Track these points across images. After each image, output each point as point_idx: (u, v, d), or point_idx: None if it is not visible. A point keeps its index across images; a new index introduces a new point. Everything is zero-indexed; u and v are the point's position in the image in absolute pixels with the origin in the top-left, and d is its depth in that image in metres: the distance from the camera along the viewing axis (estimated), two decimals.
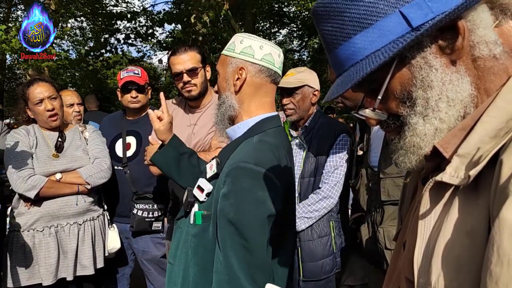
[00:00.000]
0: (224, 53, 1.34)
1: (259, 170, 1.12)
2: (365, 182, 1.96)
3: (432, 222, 0.65)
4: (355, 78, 0.66)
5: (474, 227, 0.58)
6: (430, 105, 0.66)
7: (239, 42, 1.30)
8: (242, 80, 1.27)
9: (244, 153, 1.19)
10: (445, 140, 0.67)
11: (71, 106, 3.35)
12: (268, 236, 1.12)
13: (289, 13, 16.28)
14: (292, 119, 2.29)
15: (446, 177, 0.63)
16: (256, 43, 1.28)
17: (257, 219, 1.10)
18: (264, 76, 1.29)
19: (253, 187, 1.11)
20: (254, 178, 1.12)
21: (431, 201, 0.66)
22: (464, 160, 0.62)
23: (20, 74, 15.84)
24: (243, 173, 1.12)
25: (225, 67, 1.32)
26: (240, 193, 1.11)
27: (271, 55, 1.29)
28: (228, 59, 1.31)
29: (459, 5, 0.61)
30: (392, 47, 0.63)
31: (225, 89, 1.32)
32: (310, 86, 2.26)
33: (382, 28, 0.64)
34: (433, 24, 0.62)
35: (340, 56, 0.69)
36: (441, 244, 0.61)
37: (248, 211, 1.10)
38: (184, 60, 2.19)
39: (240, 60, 1.28)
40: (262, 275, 1.10)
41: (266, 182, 1.12)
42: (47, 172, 2.27)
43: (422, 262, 0.64)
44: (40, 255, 2.23)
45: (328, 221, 2.19)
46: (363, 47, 0.66)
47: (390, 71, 0.67)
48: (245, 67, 1.27)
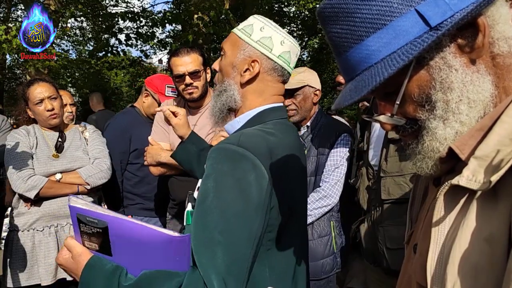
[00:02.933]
0: (238, 34, 1.15)
1: (243, 152, 0.96)
2: (365, 181, 1.95)
3: (447, 227, 0.62)
4: (372, 83, 0.61)
5: (493, 234, 0.55)
6: (450, 107, 0.62)
7: (258, 28, 1.12)
8: (253, 74, 1.12)
9: (230, 137, 1.05)
10: (462, 141, 0.63)
11: (64, 106, 3.38)
12: (252, 228, 0.94)
13: (289, 13, 16.27)
14: (294, 119, 2.29)
15: (463, 180, 0.59)
16: (278, 36, 1.12)
17: (239, 207, 0.93)
18: (276, 75, 1.14)
19: (234, 171, 0.95)
20: (235, 161, 0.95)
21: (446, 205, 0.62)
22: (483, 163, 0.58)
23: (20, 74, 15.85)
24: (224, 154, 0.97)
25: (235, 51, 1.14)
26: (219, 176, 0.95)
27: (290, 54, 1.14)
28: (240, 43, 1.14)
29: (481, 1, 0.57)
30: (410, 48, 0.59)
31: (229, 76, 1.16)
32: (311, 86, 2.27)
33: (397, 29, 0.60)
34: (454, 23, 0.58)
35: (352, 59, 0.65)
36: (457, 251, 0.57)
37: (228, 198, 0.93)
38: (186, 62, 2.19)
39: (255, 50, 1.12)
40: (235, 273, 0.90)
41: (251, 167, 0.95)
42: (47, 172, 2.27)
43: (436, 269, 0.61)
44: (39, 255, 2.23)
45: (329, 220, 2.19)
46: (377, 50, 0.62)
47: (408, 74, 0.62)
48: (259, 60, 1.11)
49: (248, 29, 1.14)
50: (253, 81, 1.14)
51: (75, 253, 0.98)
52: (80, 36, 16.22)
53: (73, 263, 0.99)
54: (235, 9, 12.06)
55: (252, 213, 0.94)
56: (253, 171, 0.95)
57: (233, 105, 1.16)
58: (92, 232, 0.94)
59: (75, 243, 1.00)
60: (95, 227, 0.92)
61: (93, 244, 0.97)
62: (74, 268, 0.98)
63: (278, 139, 1.08)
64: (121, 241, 0.92)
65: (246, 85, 1.14)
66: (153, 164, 2.21)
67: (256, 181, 0.95)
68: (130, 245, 0.91)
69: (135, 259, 0.93)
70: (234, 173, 0.95)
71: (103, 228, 0.91)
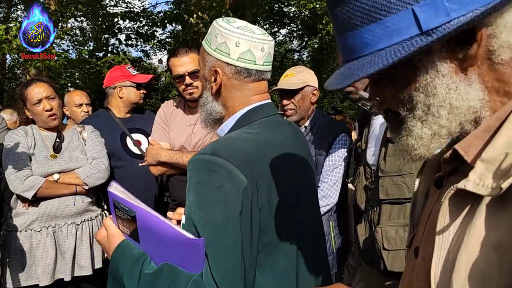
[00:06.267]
0: (203, 46, 1.16)
1: (215, 160, 0.95)
2: (362, 181, 1.95)
3: (452, 232, 0.59)
4: (355, 76, 0.61)
5: (502, 241, 0.52)
6: (431, 111, 0.61)
7: (214, 35, 1.11)
8: (218, 83, 1.11)
9: (206, 146, 1.03)
10: (467, 142, 0.61)
11: (80, 106, 3.39)
12: (236, 237, 0.93)
13: (289, 13, 16.26)
14: (293, 119, 2.29)
15: (470, 185, 0.56)
16: (231, 38, 1.08)
17: (218, 219, 0.93)
18: (242, 77, 1.11)
19: (209, 181, 0.95)
20: (209, 171, 0.95)
21: (451, 210, 0.60)
22: (490, 166, 0.55)
23: (20, 74, 15.84)
24: (198, 165, 0.97)
25: (203, 63, 1.16)
26: (196, 189, 0.96)
27: (251, 52, 1.09)
28: (205, 55, 1.14)
29: (483, 11, 0.54)
30: (398, 50, 0.57)
31: (205, 88, 1.18)
32: (310, 85, 2.27)
33: (389, 26, 0.58)
34: (448, 31, 0.55)
35: (347, 43, 0.64)
36: (463, 258, 0.55)
37: (207, 210, 0.94)
38: (185, 62, 2.19)
39: (215, 60, 1.11)
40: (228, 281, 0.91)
41: (226, 175, 0.94)
42: (45, 172, 2.27)
43: (441, 276, 0.58)
44: (37, 255, 2.22)
45: (328, 221, 2.19)
46: (368, 43, 0.60)
47: (392, 73, 0.62)
48: (220, 68, 1.10)
49: (209, 38, 1.14)
50: (223, 89, 1.13)
51: (110, 233, 1.08)
52: (80, 36, 16.22)
53: (107, 242, 1.08)
54: (235, 9, 12.05)
55: (235, 219, 0.94)
56: (229, 178, 0.95)
57: (216, 115, 1.17)
58: (124, 217, 1.02)
59: (112, 224, 1.09)
60: (126, 214, 1.00)
61: (125, 229, 1.05)
62: (107, 247, 1.08)
63: (263, 139, 1.07)
64: (146, 232, 0.99)
65: (219, 95, 1.15)
66: (153, 163, 2.21)
67: (232, 187, 0.95)
68: (153, 237, 0.98)
69: (158, 250, 0.99)
70: (210, 182, 0.95)
71: (133, 216, 0.99)
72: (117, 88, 2.70)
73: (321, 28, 12.82)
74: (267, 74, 1.16)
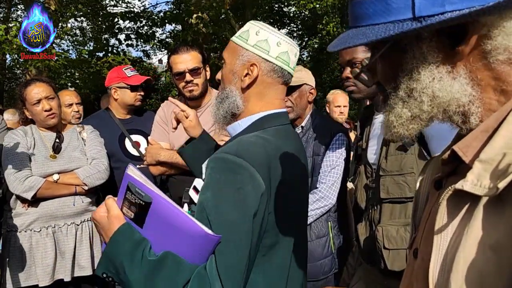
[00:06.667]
0: (235, 41, 1.18)
1: (240, 162, 0.98)
2: (363, 179, 1.95)
3: (450, 233, 0.59)
4: (346, 44, 0.63)
5: (499, 241, 0.52)
6: (413, 95, 0.63)
7: (254, 32, 1.14)
8: (253, 77, 1.14)
9: (229, 145, 1.07)
10: (465, 142, 0.61)
11: (70, 106, 3.36)
12: (247, 238, 0.97)
13: (289, 13, 16.27)
14: (289, 117, 2.29)
15: (468, 185, 0.56)
16: (273, 37, 1.13)
17: (236, 219, 0.96)
18: (276, 76, 1.15)
19: (232, 182, 0.98)
20: (233, 172, 0.99)
21: (449, 210, 0.60)
22: (488, 166, 0.55)
23: (20, 74, 15.85)
24: (222, 164, 1.00)
25: (234, 58, 1.17)
26: (217, 186, 0.98)
27: (288, 54, 1.15)
28: (238, 49, 1.16)
29: (478, 10, 0.54)
30: (389, 29, 0.59)
31: (231, 82, 1.19)
32: (308, 84, 2.27)
33: (389, 4, 0.59)
34: (439, 22, 0.56)
35: (354, 10, 0.66)
36: (461, 258, 0.55)
37: (225, 209, 0.97)
38: (186, 59, 2.20)
39: (252, 55, 1.14)
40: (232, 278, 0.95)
41: (248, 177, 0.98)
42: (45, 173, 2.27)
43: (439, 277, 0.59)
44: (37, 255, 2.22)
45: (326, 221, 2.18)
46: (369, 16, 0.62)
47: (382, 50, 0.64)
48: (257, 63, 1.13)
49: (244, 35, 1.17)
50: (254, 85, 1.16)
51: (112, 214, 1.05)
52: (80, 36, 16.22)
53: (107, 222, 1.05)
54: (235, 9, 12.06)
55: (250, 221, 0.97)
56: (250, 181, 0.99)
57: (236, 110, 1.18)
58: (135, 202, 1.01)
59: (115, 205, 1.06)
60: (139, 199, 0.99)
61: (129, 212, 1.04)
62: (106, 227, 1.05)
63: (277, 146, 1.10)
64: (156, 219, 0.99)
65: (247, 90, 1.17)
66: (153, 163, 2.21)
67: (253, 190, 0.98)
68: (163, 225, 0.98)
69: (161, 238, 0.99)
70: (232, 183, 0.98)
71: (146, 202, 0.98)
72: (112, 89, 2.70)
73: (321, 28, 12.82)
74: (290, 79, 1.21)
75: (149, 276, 0.96)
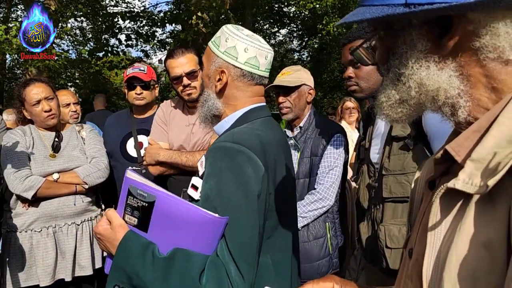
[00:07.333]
0: (210, 47, 1.26)
1: (238, 148, 1.05)
2: (365, 179, 1.94)
3: (443, 231, 0.60)
4: (347, 19, 0.66)
5: (491, 239, 0.53)
6: (401, 79, 0.65)
7: (224, 39, 1.21)
8: (223, 83, 1.21)
9: (224, 136, 1.14)
10: (457, 142, 0.62)
11: (67, 106, 3.36)
12: (255, 218, 1.03)
13: (289, 13, 16.28)
14: (288, 117, 2.29)
15: (459, 184, 0.57)
16: (241, 44, 1.19)
17: (240, 200, 1.02)
18: (246, 80, 1.22)
19: (232, 166, 1.04)
20: (232, 157, 1.05)
21: (442, 209, 0.61)
22: (479, 165, 0.56)
23: (20, 74, 15.85)
24: (221, 152, 1.06)
25: (209, 63, 1.25)
26: (219, 173, 1.04)
27: (256, 59, 1.21)
28: (212, 55, 1.24)
29: (458, 4, 0.55)
30: (382, 10, 0.60)
31: (207, 86, 1.27)
32: (306, 84, 2.27)
33: None
34: (427, 10, 0.57)
35: None
36: (454, 256, 0.56)
37: (229, 192, 1.02)
38: (182, 63, 2.19)
39: (222, 61, 1.21)
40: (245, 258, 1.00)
41: (247, 160, 1.05)
42: (44, 172, 2.26)
43: (432, 274, 0.60)
44: (37, 256, 2.22)
45: (324, 222, 2.18)
46: None
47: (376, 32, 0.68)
48: (226, 69, 1.20)
49: (217, 41, 1.24)
50: (227, 88, 1.23)
51: (115, 224, 1.07)
52: (80, 36, 16.22)
53: (111, 232, 1.07)
54: (235, 9, 12.06)
55: (254, 201, 1.04)
56: (250, 164, 1.05)
57: (216, 112, 1.26)
58: (137, 205, 1.02)
59: (116, 215, 1.08)
60: (142, 201, 1.00)
61: (132, 219, 1.05)
62: (112, 238, 1.06)
63: (266, 135, 1.18)
64: (161, 217, 1.00)
65: (221, 93, 1.24)
66: (152, 163, 2.21)
67: (253, 173, 1.05)
68: (169, 221, 1.00)
69: (168, 238, 1.01)
70: (232, 168, 1.04)
71: (150, 202, 0.99)
72: (124, 88, 2.68)
73: (321, 28, 12.83)
74: (265, 80, 1.28)
75: (164, 274, 0.98)
